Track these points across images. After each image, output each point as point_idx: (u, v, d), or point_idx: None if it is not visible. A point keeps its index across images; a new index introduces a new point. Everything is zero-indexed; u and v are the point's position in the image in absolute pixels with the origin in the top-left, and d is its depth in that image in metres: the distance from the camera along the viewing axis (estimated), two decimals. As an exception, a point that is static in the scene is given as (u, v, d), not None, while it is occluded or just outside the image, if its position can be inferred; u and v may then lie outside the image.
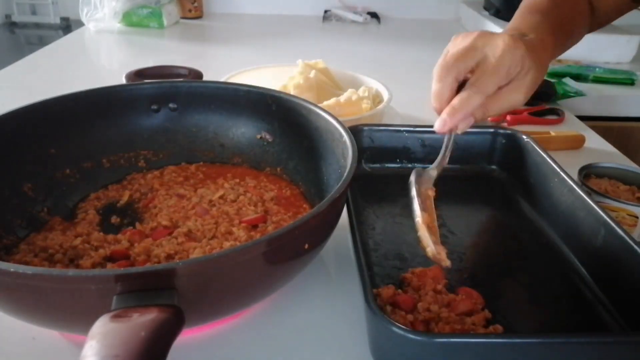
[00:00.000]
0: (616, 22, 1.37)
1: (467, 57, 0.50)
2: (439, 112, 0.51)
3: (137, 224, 0.53)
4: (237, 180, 0.61)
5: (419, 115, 0.91)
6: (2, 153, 0.51)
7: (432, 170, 0.52)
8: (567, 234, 0.55)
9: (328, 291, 0.51)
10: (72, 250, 0.49)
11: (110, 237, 0.50)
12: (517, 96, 0.51)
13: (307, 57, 0.91)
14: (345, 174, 0.44)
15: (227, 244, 0.49)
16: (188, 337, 0.44)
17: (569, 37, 0.63)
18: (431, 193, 0.50)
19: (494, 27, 1.35)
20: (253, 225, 0.53)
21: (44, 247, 0.49)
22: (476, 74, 0.50)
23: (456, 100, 0.49)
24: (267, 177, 0.62)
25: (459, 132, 0.52)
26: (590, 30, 0.68)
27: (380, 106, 0.78)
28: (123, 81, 0.73)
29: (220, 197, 0.57)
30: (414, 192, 0.49)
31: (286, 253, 0.40)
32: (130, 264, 0.47)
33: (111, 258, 0.48)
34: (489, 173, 0.70)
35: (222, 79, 0.84)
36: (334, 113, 0.56)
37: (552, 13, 0.59)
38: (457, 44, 0.52)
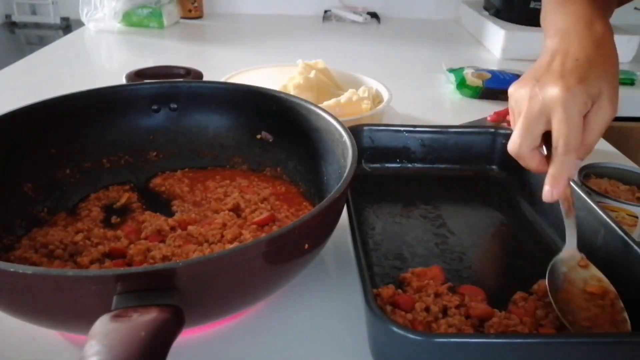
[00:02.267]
0: (616, 22, 1.37)
1: (534, 130, 0.47)
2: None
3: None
4: (228, 181, 0.61)
5: (419, 115, 0.91)
6: (2, 153, 0.51)
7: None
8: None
9: (328, 291, 0.51)
10: (73, 245, 0.49)
11: (110, 233, 0.51)
12: (608, 117, 0.47)
13: (307, 57, 0.91)
14: (345, 174, 0.44)
15: (230, 247, 0.49)
16: (188, 337, 0.44)
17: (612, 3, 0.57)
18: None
19: (494, 27, 1.35)
20: (260, 226, 0.53)
21: (44, 243, 0.49)
22: (553, 135, 0.46)
23: (551, 169, 0.47)
24: (257, 177, 0.63)
25: (570, 177, 0.48)
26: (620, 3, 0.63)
27: (380, 106, 0.78)
28: (123, 81, 0.73)
29: (221, 200, 0.58)
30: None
31: (286, 253, 0.40)
32: (127, 263, 0.47)
33: (109, 255, 0.48)
34: (489, 173, 0.70)
35: (222, 79, 0.84)
36: (334, 113, 0.56)
37: None
38: (520, 106, 0.49)
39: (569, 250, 0.48)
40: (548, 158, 0.48)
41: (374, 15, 1.68)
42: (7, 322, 0.42)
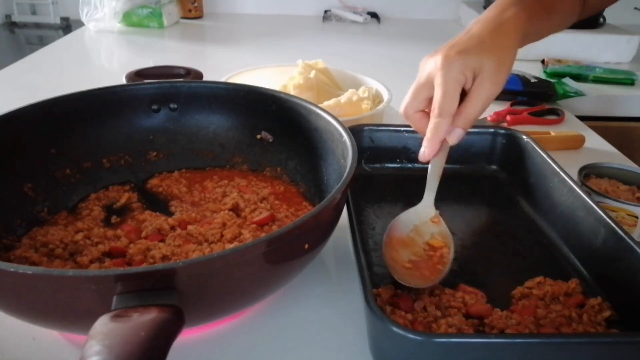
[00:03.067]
0: (616, 22, 1.37)
1: (418, 94, 0.53)
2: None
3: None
4: (226, 181, 0.61)
5: (419, 115, 0.91)
6: (2, 153, 0.51)
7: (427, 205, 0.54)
8: (567, 234, 0.55)
9: (328, 291, 0.51)
10: (73, 244, 0.49)
11: (110, 232, 0.51)
12: (487, 92, 0.50)
13: (307, 57, 0.91)
14: (345, 174, 0.44)
15: (230, 247, 0.49)
16: (188, 337, 0.44)
17: (550, 13, 0.60)
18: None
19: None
20: (260, 225, 0.53)
21: (44, 242, 0.49)
22: (432, 103, 0.51)
23: (428, 133, 0.51)
24: (256, 177, 0.63)
25: (451, 143, 0.52)
26: (581, 16, 0.65)
27: (380, 106, 0.78)
28: (123, 81, 0.73)
29: (221, 200, 0.58)
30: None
31: (286, 253, 0.40)
32: (127, 262, 0.47)
33: (110, 254, 0.48)
34: (489, 173, 0.70)
35: (222, 79, 0.84)
36: (334, 113, 0.56)
37: None
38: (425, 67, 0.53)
39: (427, 206, 0.54)
40: None
41: (374, 15, 1.68)
42: (7, 322, 0.42)
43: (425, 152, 0.51)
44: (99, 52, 1.34)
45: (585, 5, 0.64)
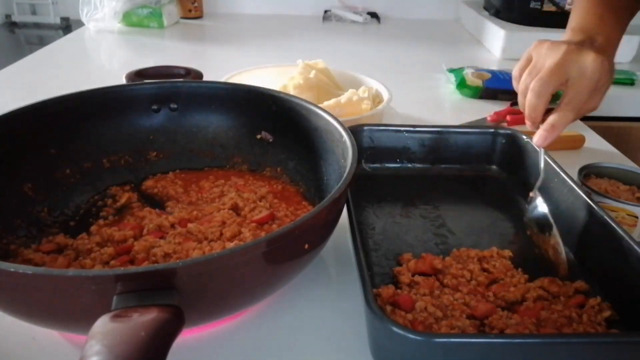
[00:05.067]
0: (616, 22, 1.37)
1: (562, 72, 0.53)
2: (534, 125, 0.57)
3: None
4: (223, 180, 0.61)
5: (419, 116, 0.91)
6: (2, 153, 0.51)
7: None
8: (567, 234, 0.55)
9: (328, 291, 0.51)
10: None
11: (116, 233, 0.51)
12: (596, 101, 0.55)
13: (307, 57, 0.91)
14: (345, 174, 0.44)
15: (230, 245, 0.49)
16: (188, 337, 0.44)
17: (629, 20, 0.65)
18: None
19: (494, 27, 1.34)
20: (260, 224, 0.53)
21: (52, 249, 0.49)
22: (569, 92, 0.54)
23: (554, 118, 0.54)
24: (252, 176, 0.63)
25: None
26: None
27: (380, 106, 0.78)
28: (123, 81, 0.73)
29: (219, 198, 0.58)
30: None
31: (286, 253, 0.40)
32: (130, 260, 0.47)
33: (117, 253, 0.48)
34: (489, 173, 0.70)
35: (222, 79, 0.84)
36: (334, 113, 0.56)
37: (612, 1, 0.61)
38: (544, 55, 0.55)
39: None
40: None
41: (374, 15, 1.68)
42: (7, 322, 0.42)
43: (547, 136, 0.55)
44: (99, 52, 1.34)
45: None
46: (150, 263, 0.47)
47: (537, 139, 0.55)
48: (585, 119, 0.98)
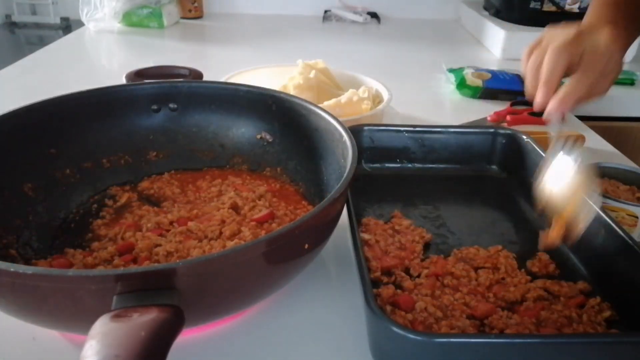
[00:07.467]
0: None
1: (578, 42, 0.53)
2: (545, 96, 0.54)
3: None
4: (220, 180, 0.61)
5: (419, 115, 0.91)
6: (2, 153, 0.51)
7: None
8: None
9: (328, 291, 0.51)
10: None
11: (116, 230, 0.51)
12: (605, 86, 0.54)
13: (307, 57, 0.91)
14: (345, 174, 0.44)
15: (230, 243, 0.49)
16: (188, 337, 0.44)
17: None
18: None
19: (494, 27, 1.34)
20: (260, 223, 0.53)
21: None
22: (582, 65, 0.53)
23: (566, 88, 0.52)
24: (250, 175, 0.63)
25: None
26: None
27: (380, 106, 0.78)
28: (123, 81, 0.73)
29: (217, 197, 0.58)
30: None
31: (286, 253, 0.40)
32: (133, 258, 0.47)
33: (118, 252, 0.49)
34: (489, 173, 0.70)
35: (222, 79, 0.84)
36: (334, 113, 0.56)
37: (624, 4, 0.61)
38: (557, 34, 0.54)
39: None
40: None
41: (374, 15, 1.68)
42: (7, 322, 0.42)
43: (559, 105, 0.53)
44: (99, 52, 1.34)
45: None
46: (153, 262, 0.47)
47: (550, 106, 0.53)
48: (585, 119, 0.98)
